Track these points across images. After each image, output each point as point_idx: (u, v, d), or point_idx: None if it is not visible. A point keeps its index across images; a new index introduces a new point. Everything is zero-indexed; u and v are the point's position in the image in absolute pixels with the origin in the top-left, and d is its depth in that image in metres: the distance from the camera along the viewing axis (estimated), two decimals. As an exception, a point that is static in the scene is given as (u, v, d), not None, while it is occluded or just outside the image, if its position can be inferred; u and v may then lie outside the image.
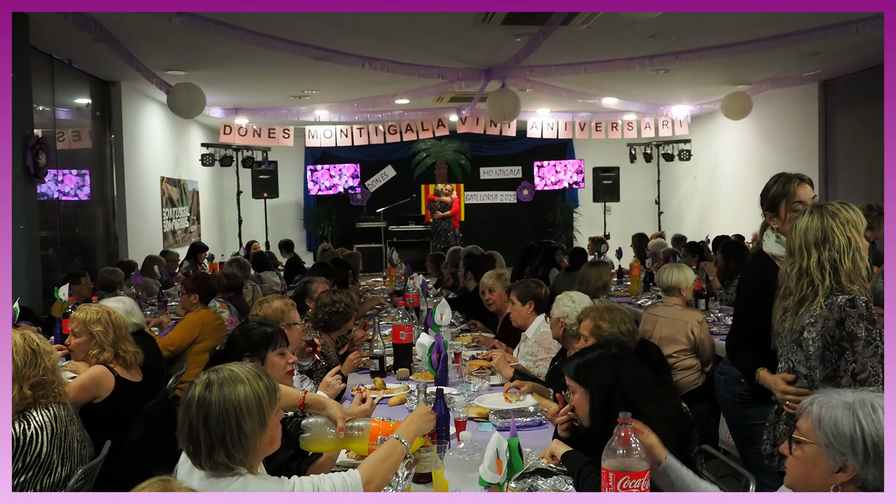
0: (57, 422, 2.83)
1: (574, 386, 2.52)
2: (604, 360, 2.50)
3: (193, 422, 1.98)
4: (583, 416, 2.53)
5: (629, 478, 1.79)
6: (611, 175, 13.65)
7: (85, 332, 3.57)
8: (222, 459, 1.97)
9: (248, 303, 6.79)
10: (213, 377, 2.04)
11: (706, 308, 6.56)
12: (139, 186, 10.36)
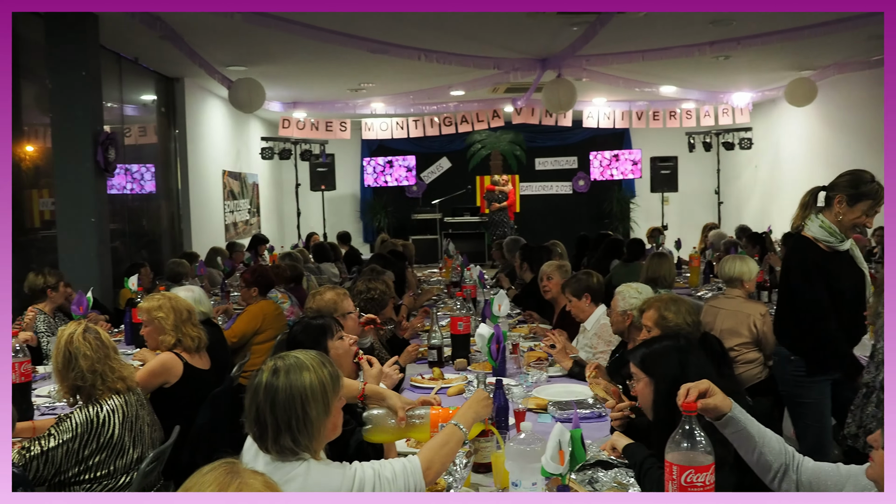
0: (127, 406, 2.94)
1: (639, 375, 2.51)
2: (671, 351, 2.49)
3: (261, 407, 2.03)
4: (645, 407, 2.52)
5: (693, 471, 1.77)
6: (669, 165, 13.43)
7: (151, 321, 3.70)
8: (288, 444, 2.01)
9: (307, 293, 6.91)
10: (280, 364, 2.09)
11: (769, 300, 6.43)
12: (202, 180, 10.62)
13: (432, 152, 15.43)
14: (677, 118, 12.37)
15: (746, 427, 1.99)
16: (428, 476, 2.18)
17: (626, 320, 3.75)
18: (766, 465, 2.02)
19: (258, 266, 6.26)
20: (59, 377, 2.95)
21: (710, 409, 1.95)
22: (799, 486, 2.00)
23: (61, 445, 2.77)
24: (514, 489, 2.18)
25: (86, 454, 2.82)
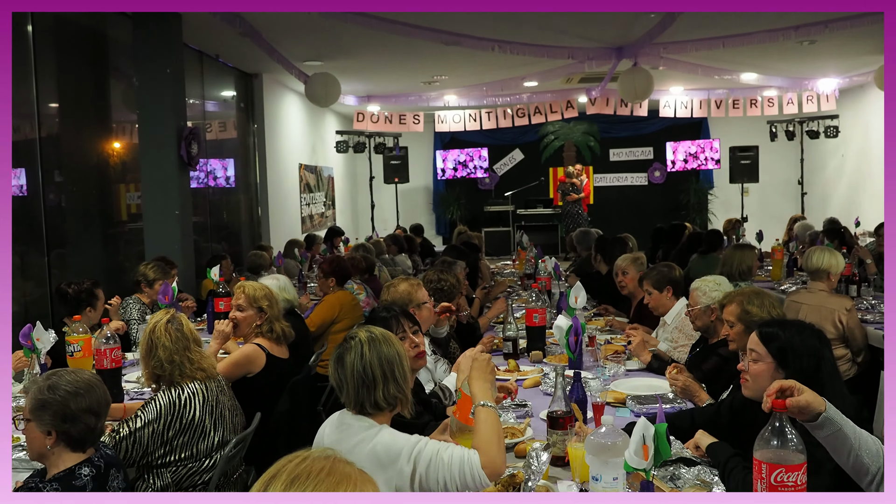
0: (208, 392, 3.05)
1: (764, 357, 2.41)
2: (813, 349, 2.38)
3: (368, 361, 2.28)
4: (758, 389, 2.39)
5: (784, 470, 1.70)
6: (749, 154, 13.02)
7: (252, 307, 3.79)
8: (392, 392, 2.28)
9: (381, 284, 6.99)
10: (372, 331, 2.38)
11: (858, 294, 6.17)
12: (279, 173, 10.84)
13: (505, 144, 15.37)
14: (758, 106, 11.96)
15: (843, 428, 1.88)
16: (491, 468, 2.14)
17: (712, 315, 3.64)
18: (862, 468, 1.92)
19: (335, 257, 6.37)
20: (143, 363, 3.10)
21: (801, 406, 1.84)
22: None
23: (147, 426, 2.89)
24: (595, 483, 2.16)
25: (170, 435, 2.94)
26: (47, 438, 2.35)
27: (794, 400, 1.84)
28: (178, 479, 3.01)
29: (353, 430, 2.26)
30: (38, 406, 2.35)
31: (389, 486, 2.19)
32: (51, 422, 2.35)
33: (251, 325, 3.80)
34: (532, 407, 3.19)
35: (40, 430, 2.35)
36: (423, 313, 3.80)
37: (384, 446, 2.19)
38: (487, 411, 2.26)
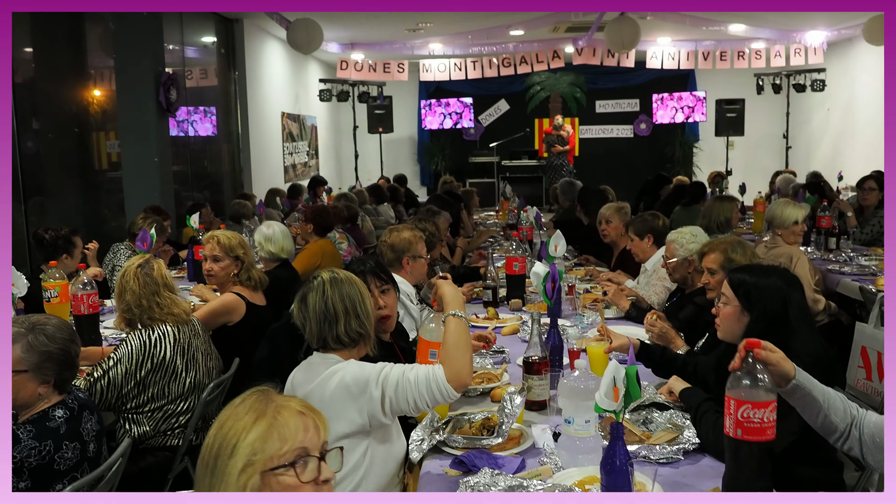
0: (180, 333, 3.07)
1: (732, 301, 2.43)
2: (778, 290, 2.39)
3: (329, 296, 2.33)
4: (728, 332, 2.45)
5: (751, 406, 1.73)
6: (735, 108, 12.95)
7: (228, 256, 3.75)
8: (354, 327, 2.32)
9: (363, 233, 6.97)
10: (336, 272, 2.42)
11: (837, 247, 6.22)
12: (261, 122, 10.70)
13: (490, 94, 15.22)
14: (746, 58, 11.88)
15: (811, 392, 1.90)
16: (456, 380, 2.20)
17: (690, 266, 3.66)
18: (831, 427, 1.95)
19: (318, 205, 6.33)
20: (116, 306, 3.12)
21: (771, 363, 1.85)
22: (861, 442, 1.92)
23: (118, 365, 2.93)
24: (567, 426, 2.18)
25: (142, 375, 2.96)
26: (42, 387, 2.34)
27: (767, 353, 1.85)
28: (155, 423, 3.03)
29: (320, 368, 2.30)
30: (44, 359, 2.33)
31: (362, 413, 2.22)
32: (54, 371, 2.35)
33: (229, 275, 3.77)
34: (509, 353, 3.22)
35: (38, 381, 2.34)
36: (416, 266, 3.79)
37: (352, 376, 2.23)
38: (457, 322, 2.28)
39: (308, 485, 1.47)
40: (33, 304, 3.70)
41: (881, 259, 5.71)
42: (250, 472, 1.43)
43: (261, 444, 1.44)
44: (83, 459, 2.38)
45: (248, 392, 1.54)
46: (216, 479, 1.45)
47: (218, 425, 1.50)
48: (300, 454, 1.47)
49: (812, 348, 2.30)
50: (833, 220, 6.37)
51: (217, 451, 1.46)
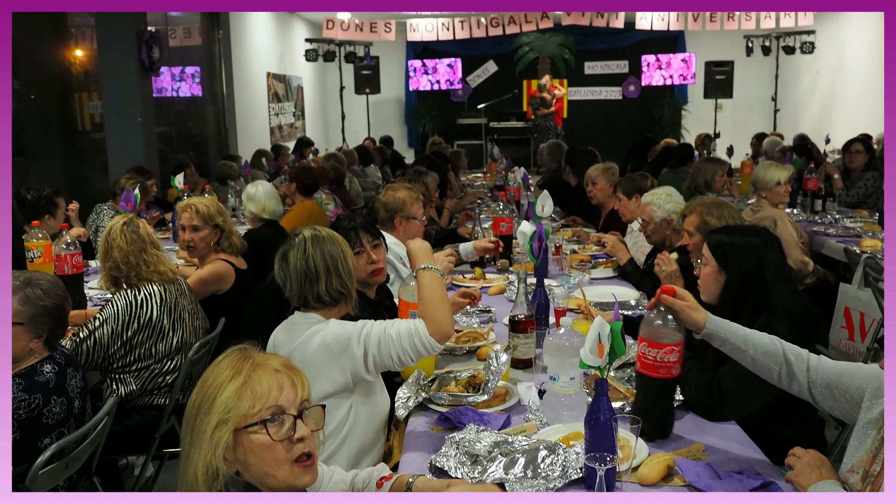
0: (166, 293, 3.05)
1: (709, 259, 2.45)
2: (753, 249, 2.41)
3: (310, 255, 2.29)
4: (707, 291, 2.47)
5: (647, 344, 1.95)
6: (724, 70, 12.90)
7: (208, 225, 3.62)
8: (335, 286, 2.29)
9: (350, 194, 6.94)
10: (317, 229, 2.37)
11: (822, 209, 6.25)
12: (246, 82, 10.56)
13: (478, 55, 15.06)
14: (735, 20, 11.79)
15: (728, 339, 1.97)
16: (439, 332, 2.19)
17: (668, 227, 3.66)
18: (764, 368, 1.99)
19: (303, 165, 6.28)
20: (101, 266, 3.10)
21: (677, 309, 1.96)
22: (812, 387, 1.95)
23: (105, 325, 2.91)
24: (552, 383, 2.20)
25: (129, 335, 2.95)
26: (34, 342, 2.34)
27: (672, 300, 1.97)
28: (141, 383, 3.02)
29: (301, 327, 2.29)
30: (39, 313, 2.34)
31: (344, 372, 2.23)
32: (48, 327, 2.35)
33: (209, 245, 3.68)
34: (496, 313, 3.22)
35: (32, 335, 2.34)
36: (410, 227, 3.74)
37: (333, 335, 2.23)
38: (429, 274, 2.27)
39: (282, 443, 1.47)
40: (16, 264, 3.66)
41: (866, 221, 5.74)
42: (223, 430, 1.43)
43: (234, 402, 1.44)
44: (69, 415, 2.38)
45: (229, 350, 1.55)
46: (195, 435, 1.45)
47: (200, 383, 1.51)
48: (275, 412, 1.47)
49: (790, 306, 2.32)
50: (819, 182, 6.39)
51: (198, 407, 1.47)
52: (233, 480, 1.45)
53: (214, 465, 1.42)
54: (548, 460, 1.89)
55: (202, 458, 1.42)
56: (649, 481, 1.85)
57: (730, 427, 2.18)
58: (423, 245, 2.39)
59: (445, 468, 1.90)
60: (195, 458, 1.43)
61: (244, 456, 1.46)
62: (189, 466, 1.45)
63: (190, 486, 1.45)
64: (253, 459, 1.45)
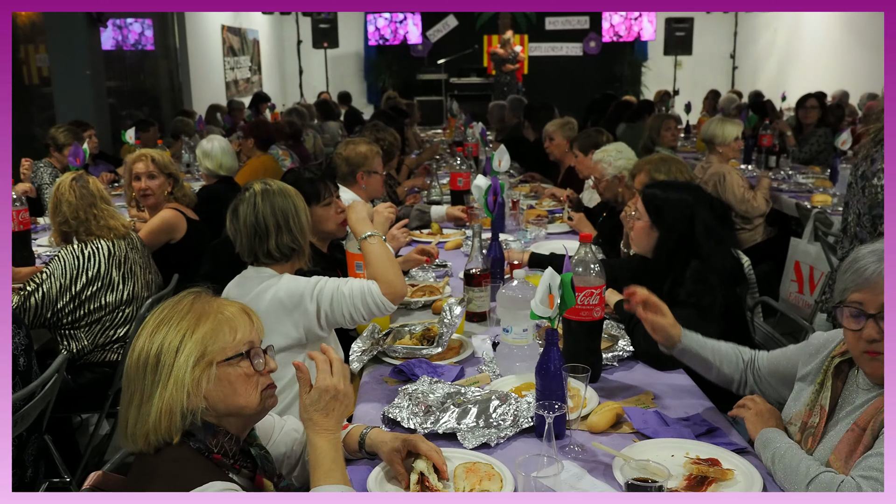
0: (115, 247, 3.01)
1: (643, 214, 2.49)
2: (684, 204, 2.45)
3: (260, 210, 2.26)
4: (640, 246, 2.51)
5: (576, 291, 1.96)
6: (684, 27, 12.90)
7: (163, 174, 3.63)
8: (285, 241, 2.27)
9: (308, 151, 6.84)
10: (269, 183, 2.34)
11: (776, 165, 6.34)
12: (200, 35, 10.29)
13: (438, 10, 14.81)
14: (695, -24, 11.78)
15: (700, 352, 2.00)
16: (392, 292, 2.21)
17: (620, 183, 3.67)
18: (726, 379, 2.05)
19: (258, 120, 6.18)
20: (51, 222, 3.06)
21: (658, 328, 1.97)
22: (759, 383, 2.02)
23: (52, 279, 2.88)
24: (505, 335, 2.22)
25: (77, 289, 2.91)
26: None
27: (656, 319, 1.97)
28: (93, 337, 2.98)
29: (254, 282, 2.29)
30: None
31: (297, 327, 2.23)
32: None
33: (164, 193, 3.66)
34: (452, 267, 3.23)
35: None
36: (371, 182, 3.71)
37: (287, 291, 2.23)
38: (373, 241, 2.27)
39: (258, 375, 1.51)
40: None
41: (817, 177, 5.85)
42: (204, 365, 1.45)
43: (212, 337, 1.47)
44: (14, 373, 2.34)
45: (181, 294, 1.54)
46: (160, 377, 1.43)
47: (153, 328, 1.48)
48: (248, 347, 1.51)
49: (721, 263, 2.37)
50: (774, 138, 6.48)
51: (158, 352, 1.45)
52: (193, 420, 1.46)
53: (194, 403, 1.44)
54: (499, 410, 1.92)
55: (180, 397, 1.43)
56: (598, 429, 1.89)
57: (678, 376, 2.23)
58: (356, 215, 2.36)
59: (398, 419, 1.92)
60: (166, 399, 1.43)
61: (223, 389, 1.47)
62: (153, 409, 1.43)
63: (154, 428, 1.43)
64: (231, 391, 1.48)
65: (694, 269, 2.31)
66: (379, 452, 1.73)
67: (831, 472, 1.57)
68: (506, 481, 1.65)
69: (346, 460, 1.80)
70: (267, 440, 1.80)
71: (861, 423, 1.62)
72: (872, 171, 2.63)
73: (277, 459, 1.82)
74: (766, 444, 1.72)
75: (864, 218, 2.71)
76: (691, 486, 1.62)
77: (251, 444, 1.58)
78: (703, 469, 1.66)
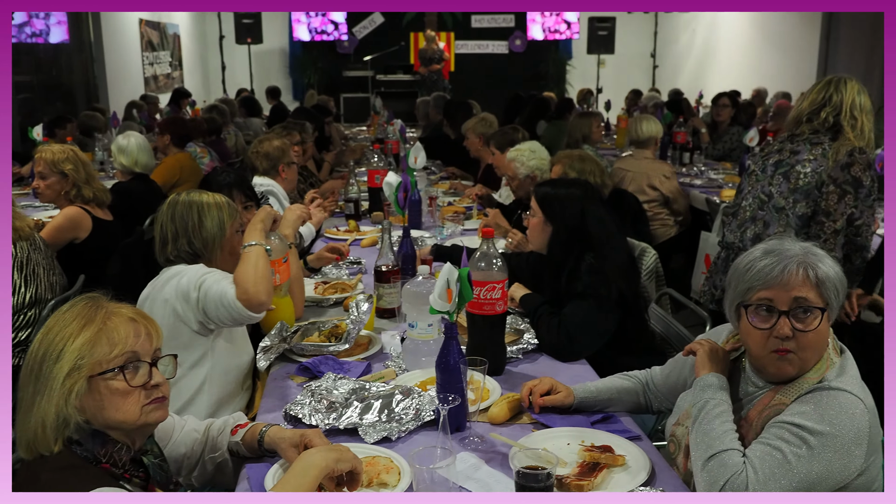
0: (17, 248, 2.90)
1: (538, 212, 2.55)
2: (575, 200, 2.52)
3: (164, 220, 2.35)
4: (535, 242, 2.58)
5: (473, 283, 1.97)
6: (606, 26, 13.16)
7: (53, 172, 3.50)
8: (184, 247, 2.32)
9: (229, 148, 6.73)
10: (188, 193, 2.42)
11: (690, 161, 6.55)
12: (117, 29, 9.99)
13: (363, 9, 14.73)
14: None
15: (597, 398, 2.01)
16: (245, 298, 2.14)
17: (532, 182, 3.74)
18: (634, 407, 2.07)
19: (174, 116, 6.04)
20: None
21: (556, 404, 1.96)
22: (659, 400, 2.06)
23: None
24: (411, 330, 2.23)
25: None
26: None
27: (550, 398, 1.95)
28: (-10, 342, 2.88)
29: (164, 278, 2.30)
30: None
31: (197, 315, 2.21)
32: None
33: (59, 193, 3.54)
34: (366, 264, 3.23)
35: None
36: (290, 172, 3.96)
37: (187, 278, 2.24)
38: (249, 250, 2.24)
39: (138, 389, 1.49)
40: None
41: (728, 173, 6.07)
42: (76, 377, 1.43)
43: (88, 349, 1.44)
44: None
45: (76, 299, 1.53)
46: (41, 384, 1.43)
47: (44, 331, 1.47)
48: (130, 358, 1.48)
49: (614, 255, 2.45)
50: (688, 135, 6.68)
51: (42, 356, 1.44)
52: (80, 428, 1.45)
53: (65, 413, 1.42)
54: (402, 404, 1.93)
55: (52, 407, 1.41)
56: (498, 420, 1.93)
57: (579, 366, 2.29)
58: (253, 226, 2.33)
59: (299, 416, 1.92)
60: (42, 407, 1.42)
61: (98, 402, 1.45)
62: (33, 416, 1.43)
63: (33, 436, 1.43)
64: (107, 405, 1.45)
65: (589, 263, 2.38)
66: (278, 449, 1.73)
67: (739, 452, 1.55)
68: (404, 474, 1.67)
69: (245, 458, 1.80)
70: (166, 441, 1.78)
71: (750, 419, 1.67)
72: (797, 160, 2.93)
73: (177, 461, 1.80)
74: (704, 388, 1.70)
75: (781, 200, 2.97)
76: (583, 473, 1.67)
77: (145, 452, 1.56)
78: (595, 455, 1.72)
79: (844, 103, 2.86)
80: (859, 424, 1.54)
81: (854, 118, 2.86)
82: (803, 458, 1.50)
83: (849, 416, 1.53)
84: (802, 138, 2.97)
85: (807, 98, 3.02)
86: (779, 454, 1.52)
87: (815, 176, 2.89)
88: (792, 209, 2.95)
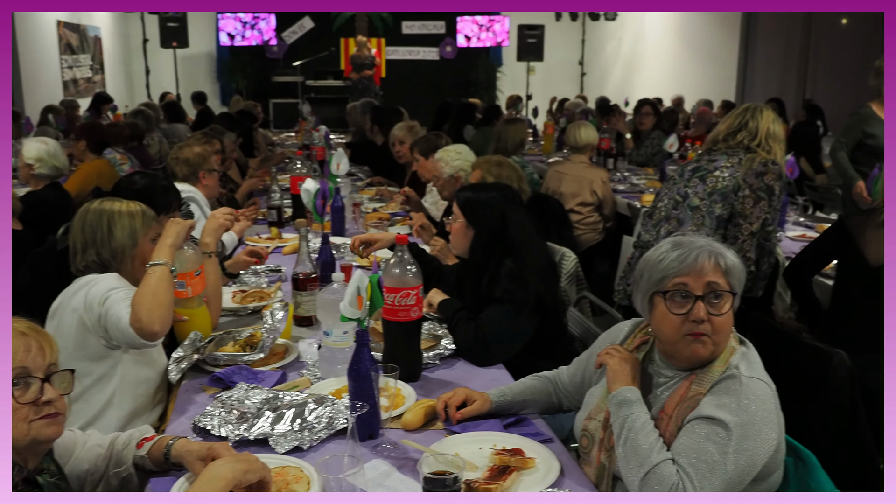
0: None
1: (459, 216, 2.57)
2: (495, 203, 2.54)
3: (74, 230, 2.31)
4: (457, 246, 2.60)
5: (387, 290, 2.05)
6: (535, 33, 13.37)
7: None
8: (92, 258, 2.28)
9: (152, 155, 6.57)
10: (96, 200, 2.38)
11: (614, 167, 6.68)
12: (31, 30, 9.65)
13: (294, 11, 14.60)
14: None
15: (512, 400, 2.04)
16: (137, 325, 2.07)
17: (456, 183, 3.78)
18: (548, 407, 2.11)
19: (91, 122, 5.86)
20: None
21: (473, 414, 1.97)
22: (569, 399, 2.09)
23: None
24: (326, 338, 2.21)
25: None
26: None
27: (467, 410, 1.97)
28: None
29: (75, 287, 2.25)
30: None
31: (98, 330, 2.17)
32: None
33: None
34: (286, 272, 3.19)
35: None
36: (211, 179, 3.91)
37: (95, 290, 2.19)
38: (152, 271, 2.18)
39: (27, 406, 1.43)
40: None
41: (650, 178, 6.22)
42: None
43: None
44: None
45: None
46: None
47: None
48: (19, 374, 1.43)
49: (534, 259, 2.49)
50: (611, 141, 6.82)
51: None
52: None
53: None
54: (315, 413, 1.92)
55: None
56: (412, 426, 1.93)
57: (496, 370, 2.31)
58: (163, 241, 2.27)
59: (208, 428, 1.88)
60: None
61: None
62: None
63: None
64: None
65: (508, 267, 2.41)
66: (184, 462, 1.69)
67: (670, 461, 1.60)
68: (313, 483, 1.66)
69: (151, 472, 1.75)
70: (67, 458, 1.72)
71: (668, 411, 1.72)
72: (715, 166, 3.13)
73: (79, 477, 1.74)
74: (620, 404, 1.72)
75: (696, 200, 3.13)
76: (493, 476, 1.68)
77: (41, 471, 1.51)
78: (505, 459, 1.73)
79: (760, 130, 3.07)
80: (769, 407, 1.65)
81: (769, 146, 3.07)
82: (729, 453, 1.58)
83: (762, 401, 1.64)
84: (720, 153, 3.16)
85: (724, 122, 3.23)
86: (707, 455, 1.58)
87: (732, 180, 3.05)
88: (709, 209, 3.09)
